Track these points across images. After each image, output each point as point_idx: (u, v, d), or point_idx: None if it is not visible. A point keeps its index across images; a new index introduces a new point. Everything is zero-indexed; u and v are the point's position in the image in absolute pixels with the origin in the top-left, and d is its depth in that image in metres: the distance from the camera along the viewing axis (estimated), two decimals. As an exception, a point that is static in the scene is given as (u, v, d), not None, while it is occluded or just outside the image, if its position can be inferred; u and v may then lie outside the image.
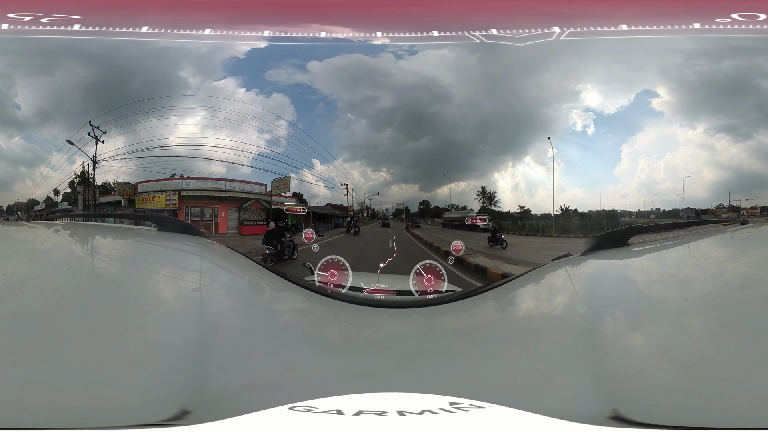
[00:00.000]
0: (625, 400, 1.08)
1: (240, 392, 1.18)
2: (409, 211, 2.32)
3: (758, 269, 1.52)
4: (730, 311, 1.32)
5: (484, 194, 2.18)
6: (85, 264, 1.69)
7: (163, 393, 1.11)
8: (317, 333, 1.53)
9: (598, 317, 1.42)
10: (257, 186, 2.24)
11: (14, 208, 2.16)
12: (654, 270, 1.70)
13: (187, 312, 1.41)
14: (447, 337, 1.55)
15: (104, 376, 1.10)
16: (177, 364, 1.19)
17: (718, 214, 2.05)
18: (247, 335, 1.42)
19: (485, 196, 2.17)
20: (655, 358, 1.22)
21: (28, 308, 1.28)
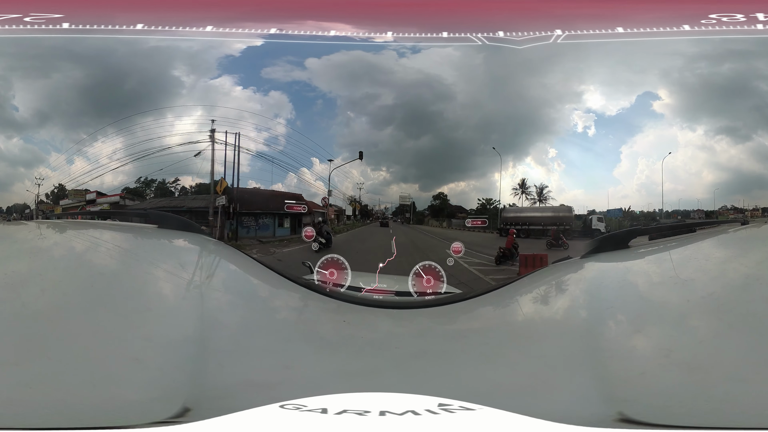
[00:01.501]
0: (628, 402, 1.08)
1: (238, 390, 1.17)
2: (415, 208, 2.09)
3: (760, 269, 1.52)
4: (732, 312, 1.32)
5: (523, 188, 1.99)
6: (86, 261, 1.69)
7: (165, 390, 1.10)
8: (315, 331, 1.52)
9: (599, 320, 1.42)
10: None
11: (13, 209, 2.16)
12: (655, 272, 1.70)
13: (187, 309, 1.41)
14: (444, 339, 1.54)
15: (107, 374, 1.11)
16: (178, 362, 1.19)
17: (726, 215, 2.05)
18: (246, 333, 1.42)
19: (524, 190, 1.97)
20: (658, 360, 1.22)
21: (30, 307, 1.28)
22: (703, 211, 2.03)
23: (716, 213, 2.04)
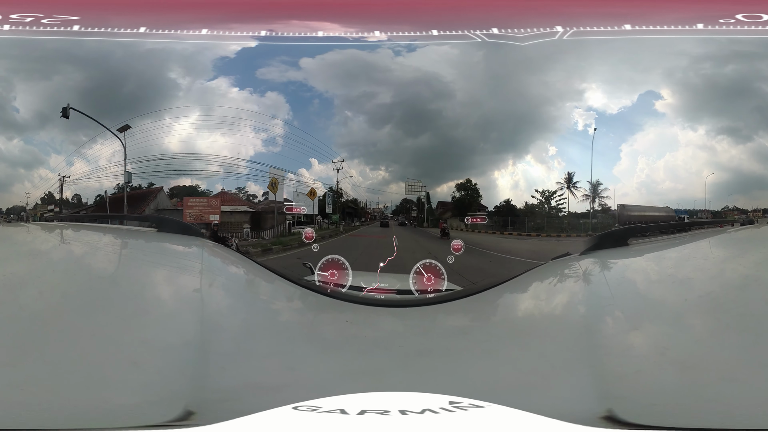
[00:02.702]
0: (622, 399, 1.09)
1: (242, 392, 1.18)
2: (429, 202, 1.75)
3: (758, 269, 1.53)
4: (729, 312, 1.33)
5: (570, 184, 1.73)
6: (85, 264, 1.69)
7: (165, 393, 1.11)
8: (317, 332, 1.53)
9: (597, 317, 1.42)
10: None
11: (12, 211, 2.17)
12: (653, 270, 1.71)
13: (188, 312, 1.41)
14: (447, 336, 1.55)
15: (105, 377, 1.10)
16: (178, 365, 1.19)
17: (731, 216, 2.05)
18: (247, 335, 1.42)
19: (571, 185, 1.70)
20: (653, 358, 1.22)
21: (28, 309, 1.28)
22: (710, 211, 2.03)
23: (722, 213, 2.03)
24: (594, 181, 1.78)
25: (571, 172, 1.75)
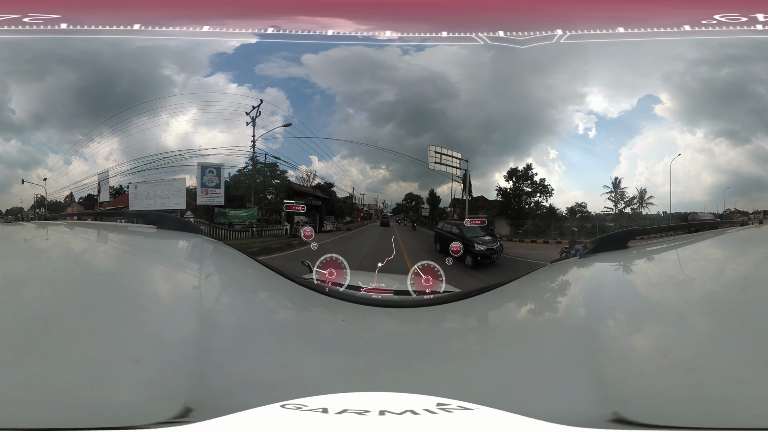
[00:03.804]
0: (626, 402, 1.08)
1: (238, 390, 1.17)
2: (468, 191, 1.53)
3: (758, 269, 1.53)
4: (730, 312, 1.33)
5: (617, 189, 1.62)
6: (85, 262, 1.67)
7: (166, 391, 1.10)
8: (314, 331, 1.52)
9: (598, 319, 1.42)
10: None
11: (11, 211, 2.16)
12: (654, 272, 1.71)
13: (186, 309, 1.40)
14: (443, 338, 1.54)
15: (107, 375, 1.10)
16: (178, 362, 1.18)
17: (736, 218, 2.06)
18: (245, 333, 1.41)
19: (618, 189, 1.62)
20: (656, 360, 1.22)
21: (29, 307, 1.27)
22: (714, 213, 2.04)
23: (725, 215, 2.05)
24: (641, 189, 1.77)
25: (620, 178, 1.70)
